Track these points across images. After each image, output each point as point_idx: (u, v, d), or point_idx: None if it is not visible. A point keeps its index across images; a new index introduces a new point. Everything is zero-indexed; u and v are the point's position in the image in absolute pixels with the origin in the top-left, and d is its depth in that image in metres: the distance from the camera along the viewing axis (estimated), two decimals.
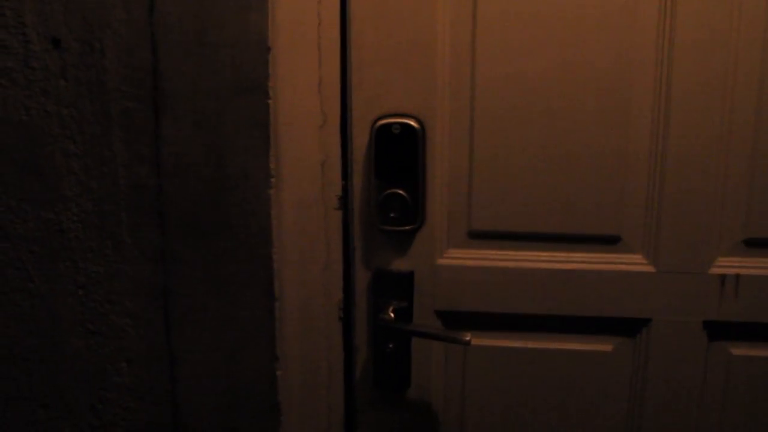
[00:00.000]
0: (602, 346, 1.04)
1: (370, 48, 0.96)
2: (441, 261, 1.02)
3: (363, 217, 1.01)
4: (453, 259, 1.02)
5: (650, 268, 1.00)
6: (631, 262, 1.00)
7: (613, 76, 0.95)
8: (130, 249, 0.92)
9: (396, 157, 0.96)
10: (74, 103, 0.88)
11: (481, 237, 1.02)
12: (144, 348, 0.95)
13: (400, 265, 1.02)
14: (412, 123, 0.97)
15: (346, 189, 1.00)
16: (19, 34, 0.85)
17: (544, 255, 1.01)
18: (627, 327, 1.02)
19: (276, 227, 0.92)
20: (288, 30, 0.89)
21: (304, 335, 0.99)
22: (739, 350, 1.03)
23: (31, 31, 0.85)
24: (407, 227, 0.99)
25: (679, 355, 1.02)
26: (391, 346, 1.01)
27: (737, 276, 1.00)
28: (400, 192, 0.97)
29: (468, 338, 0.94)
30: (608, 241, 1.01)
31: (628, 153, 0.97)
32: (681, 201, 0.98)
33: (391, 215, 0.97)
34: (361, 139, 0.99)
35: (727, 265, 0.99)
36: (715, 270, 0.99)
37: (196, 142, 0.89)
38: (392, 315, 0.99)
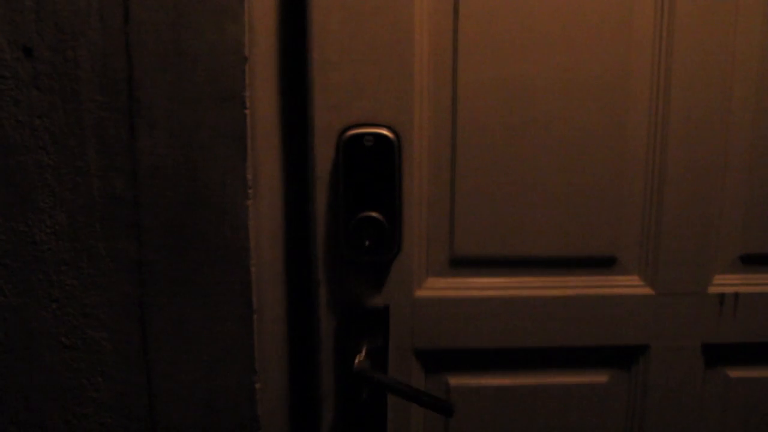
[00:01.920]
0: (597, 377, 0.96)
1: (335, 45, 0.82)
2: (420, 293, 0.90)
3: (329, 245, 0.87)
4: (433, 290, 0.90)
5: (648, 290, 0.93)
6: (629, 284, 0.93)
7: (609, 83, 0.87)
8: (105, 261, 0.90)
9: (369, 174, 0.82)
10: (47, 113, 0.86)
11: (465, 264, 0.90)
12: (121, 362, 0.93)
13: (373, 299, 0.88)
14: (387, 133, 0.83)
15: (308, 213, 0.87)
16: None
17: (535, 281, 0.91)
18: (623, 355, 0.95)
19: (254, 238, 0.90)
20: (265, 38, 0.88)
21: (281, 348, 0.97)
22: (736, 372, 0.97)
23: (2, 39, 0.84)
24: (383, 257, 0.85)
25: (678, 382, 0.95)
26: (364, 395, 0.87)
27: (736, 294, 0.94)
28: (376, 215, 0.83)
29: (451, 408, 0.79)
30: (604, 263, 0.93)
31: (625, 167, 0.90)
32: (679, 217, 0.91)
33: (366, 243, 0.83)
34: (324, 152, 0.84)
35: (725, 283, 0.94)
36: (713, 289, 0.94)
37: (172, 153, 0.87)
38: (364, 357, 0.84)
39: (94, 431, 0.95)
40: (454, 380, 0.94)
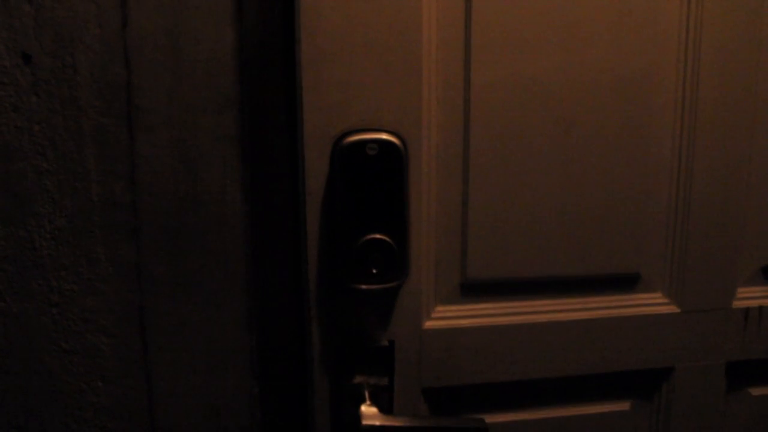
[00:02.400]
0: (619, 405, 0.90)
1: (328, 36, 0.69)
2: (428, 324, 0.79)
3: (323, 273, 0.75)
4: (443, 321, 0.80)
5: (673, 308, 0.87)
6: (653, 302, 0.87)
7: (633, 83, 0.79)
8: (104, 266, 0.90)
9: (372, 189, 0.71)
10: (46, 119, 0.86)
11: (477, 288, 0.81)
12: (120, 366, 0.93)
13: (376, 334, 0.77)
14: (394, 140, 0.71)
15: (300, 235, 0.76)
16: None
17: (554, 304, 0.82)
18: (647, 380, 0.89)
19: (253, 243, 0.90)
20: (261, 41, 0.88)
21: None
22: (758, 390, 0.92)
23: (0, 45, 0.84)
24: (392, 284, 0.73)
25: (701, 404, 0.90)
26: None
27: (760, 308, 0.88)
28: (383, 237, 0.71)
29: (485, 426, 0.70)
30: (627, 281, 0.86)
31: (648, 176, 0.82)
32: (705, 228, 0.85)
33: (374, 270, 0.72)
34: (317, 163, 0.73)
35: (748, 296, 0.89)
36: (738, 303, 0.88)
37: (171, 158, 0.87)
38: (371, 404, 0.72)
39: None
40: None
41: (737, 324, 0.89)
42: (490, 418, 0.82)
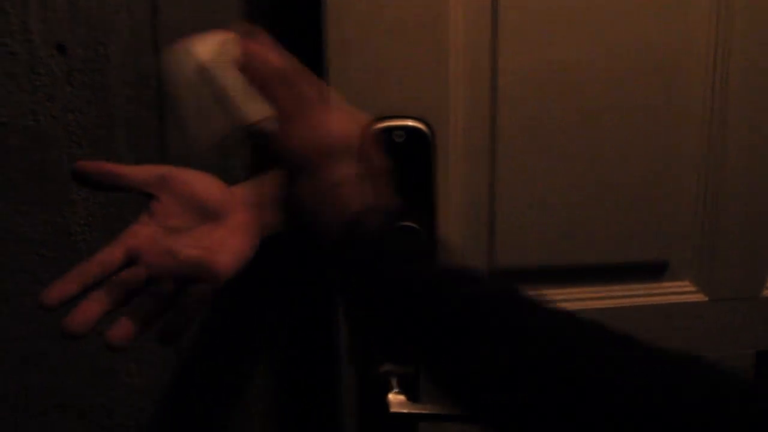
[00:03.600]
0: None
1: (354, 23, 0.69)
2: None
3: None
4: None
5: (701, 297, 0.85)
6: (681, 291, 0.85)
7: (664, 67, 0.77)
8: None
9: (400, 177, 0.61)
10: (80, 108, 0.88)
11: (506, 276, 0.79)
12: (153, 349, 0.96)
13: None
14: (421, 127, 0.71)
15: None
16: (25, 40, 0.86)
17: (580, 292, 0.81)
18: None
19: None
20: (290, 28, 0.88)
21: None
22: None
23: (37, 37, 0.86)
24: None
25: None
26: None
27: None
28: (412, 225, 0.70)
29: None
30: (655, 269, 0.84)
31: (678, 160, 0.80)
32: (736, 214, 0.82)
33: None
34: None
35: None
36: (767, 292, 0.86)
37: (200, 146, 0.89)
38: (398, 392, 0.72)
39: (129, 416, 0.99)
40: None
41: (767, 313, 0.87)
42: None
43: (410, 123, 0.72)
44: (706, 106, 0.81)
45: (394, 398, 0.73)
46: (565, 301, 0.82)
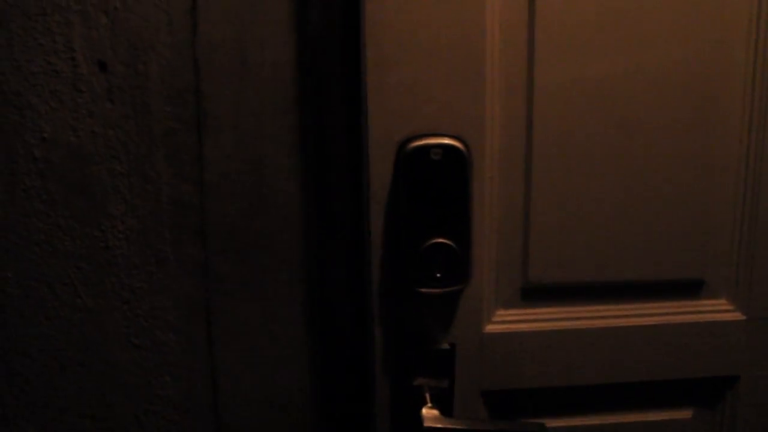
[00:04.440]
0: (681, 413, 0.88)
1: (393, 42, 0.71)
2: (489, 328, 0.80)
3: (386, 276, 0.77)
4: (504, 325, 0.81)
5: (739, 315, 0.85)
6: (717, 309, 0.85)
7: (700, 83, 0.77)
8: (173, 265, 0.94)
9: (436, 193, 0.72)
10: (119, 124, 0.90)
11: (539, 293, 0.81)
12: (187, 362, 0.97)
13: (438, 337, 0.78)
14: (458, 145, 0.72)
15: (365, 239, 0.77)
16: (68, 58, 0.88)
17: (615, 309, 0.82)
18: (710, 388, 0.88)
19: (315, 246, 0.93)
20: (325, 46, 0.89)
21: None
22: None
23: (79, 55, 0.88)
24: (455, 288, 0.74)
25: None
26: None
27: None
28: (446, 242, 0.72)
29: (545, 430, 0.72)
30: (690, 287, 0.84)
31: (714, 177, 0.80)
32: None
33: (438, 275, 0.73)
34: (382, 167, 0.74)
35: None
36: None
37: (237, 161, 0.90)
38: (432, 406, 0.74)
39: (161, 427, 1.00)
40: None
41: None
42: (549, 423, 0.82)
43: (447, 141, 0.74)
44: (744, 121, 0.81)
45: (428, 413, 0.74)
46: (600, 318, 0.83)
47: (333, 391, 0.99)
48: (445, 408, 0.78)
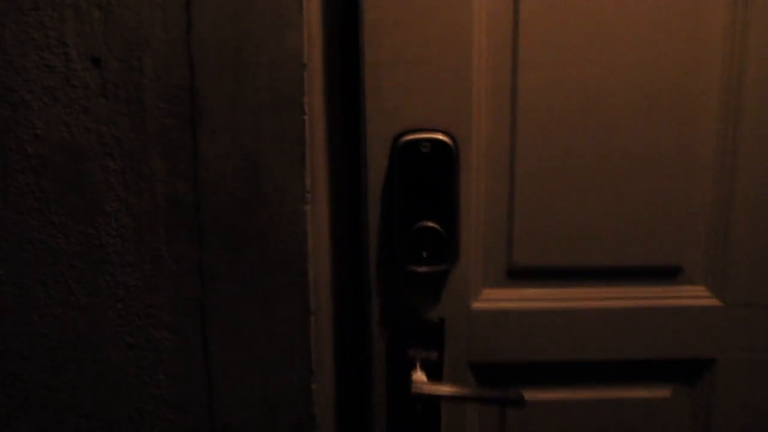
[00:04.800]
0: (660, 392, 0.92)
1: (389, 47, 0.79)
2: (476, 305, 0.88)
3: (382, 256, 0.85)
4: (490, 302, 0.88)
5: (715, 302, 0.90)
6: (694, 295, 0.89)
7: (677, 84, 0.83)
8: (167, 263, 0.93)
9: (426, 182, 0.79)
10: (113, 121, 0.89)
11: (523, 275, 0.88)
12: (181, 361, 0.96)
13: (428, 312, 0.86)
14: (445, 139, 0.80)
15: (361, 222, 0.87)
16: (61, 53, 0.87)
17: (596, 292, 0.88)
18: (688, 369, 0.92)
19: (312, 242, 0.92)
20: (322, 46, 0.89)
21: (338, 349, 0.99)
22: None
23: (72, 50, 0.87)
24: (441, 267, 0.83)
25: (748, 398, 0.91)
26: (418, 407, 0.87)
27: None
28: (433, 225, 0.80)
29: (522, 399, 0.80)
30: (668, 273, 0.89)
31: (691, 171, 0.85)
32: (749, 223, 0.86)
33: (424, 254, 0.81)
34: (378, 160, 0.83)
35: None
36: None
37: (232, 159, 0.89)
38: (421, 373, 0.82)
39: (156, 427, 0.99)
40: None
41: None
42: (533, 395, 0.89)
43: (435, 136, 0.81)
44: (720, 118, 0.85)
45: (417, 378, 0.83)
46: (581, 299, 0.89)
47: (336, 391, 0.98)
48: (436, 377, 0.86)
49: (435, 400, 0.85)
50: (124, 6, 0.85)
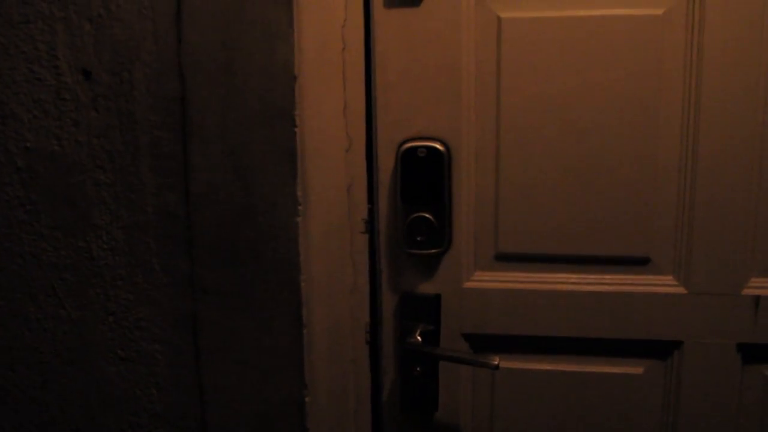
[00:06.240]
0: (633, 368, 1.02)
1: (394, 71, 0.97)
2: (468, 284, 1.02)
3: (389, 241, 1.02)
4: (480, 282, 1.02)
5: (681, 290, 0.99)
6: (662, 283, 0.99)
7: (642, 93, 0.95)
8: (159, 276, 0.93)
9: (422, 181, 0.96)
10: (104, 133, 0.89)
11: (508, 259, 1.02)
12: (174, 374, 0.96)
13: (426, 288, 1.02)
14: (438, 146, 0.97)
15: (372, 212, 1.01)
16: (51, 66, 0.87)
17: (573, 277, 1.00)
18: (658, 349, 1.01)
19: (304, 254, 0.91)
20: (313, 58, 0.89)
21: (331, 361, 0.98)
22: None
23: (63, 63, 0.87)
24: (434, 250, 0.99)
25: (712, 377, 1.00)
26: (418, 369, 1.02)
27: None
28: (427, 215, 0.98)
29: (496, 362, 0.93)
30: (638, 263, 1.00)
31: (657, 172, 0.96)
32: (713, 219, 0.96)
33: (418, 239, 0.98)
34: (386, 163, 1.00)
35: (760, 285, 0.98)
36: (748, 291, 0.98)
37: (224, 171, 0.89)
38: (419, 338, 0.99)
39: None
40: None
41: (747, 310, 0.98)
42: (517, 363, 1.04)
43: (429, 143, 0.99)
44: (683, 124, 0.96)
45: (413, 339, 1.00)
46: (560, 283, 1.01)
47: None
48: (434, 344, 1.02)
49: (426, 358, 1.01)
50: (115, 19, 0.85)
